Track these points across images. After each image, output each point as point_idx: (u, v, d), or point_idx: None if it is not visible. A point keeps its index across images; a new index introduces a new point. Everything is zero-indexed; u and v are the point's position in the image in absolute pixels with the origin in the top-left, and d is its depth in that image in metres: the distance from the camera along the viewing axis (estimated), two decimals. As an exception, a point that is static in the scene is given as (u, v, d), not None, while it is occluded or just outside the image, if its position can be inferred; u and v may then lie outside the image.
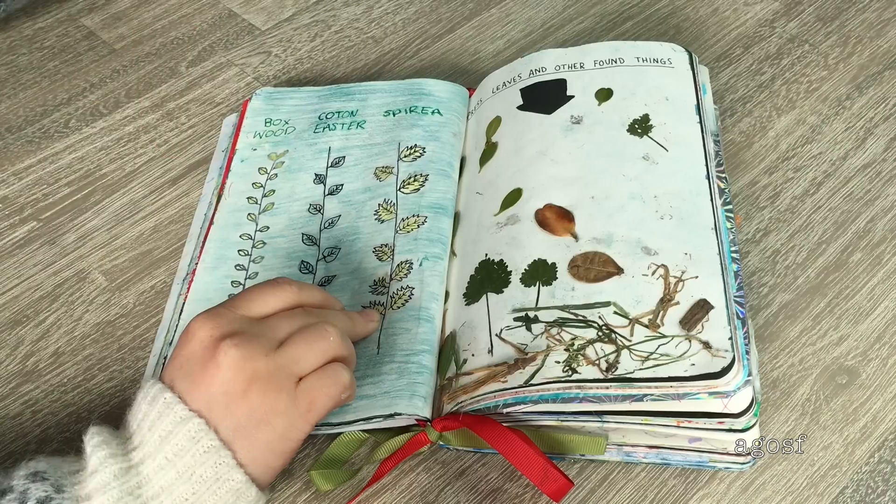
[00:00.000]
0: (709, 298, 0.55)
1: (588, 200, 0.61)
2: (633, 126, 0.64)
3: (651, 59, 0.68)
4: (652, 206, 0.60)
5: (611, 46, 0.69)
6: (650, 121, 0.64)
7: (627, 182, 0.61)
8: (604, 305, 0.56)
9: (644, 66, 0.67)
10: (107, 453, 0.47)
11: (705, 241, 0.57)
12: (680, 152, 0.62)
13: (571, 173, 0.62)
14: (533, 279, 0.58)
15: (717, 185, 0.61)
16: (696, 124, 0.64)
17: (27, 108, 0.78)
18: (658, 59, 0.68)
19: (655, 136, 0.63)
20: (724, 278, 0.56)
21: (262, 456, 0.49)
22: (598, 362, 0.53)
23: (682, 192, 0.60)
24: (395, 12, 0.85)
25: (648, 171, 0.61)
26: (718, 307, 0.54)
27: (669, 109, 0.64)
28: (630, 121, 0.64)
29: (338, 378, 0.51)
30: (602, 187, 0.61)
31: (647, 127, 0.63)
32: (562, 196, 0.61)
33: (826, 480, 0.56)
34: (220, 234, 0.66)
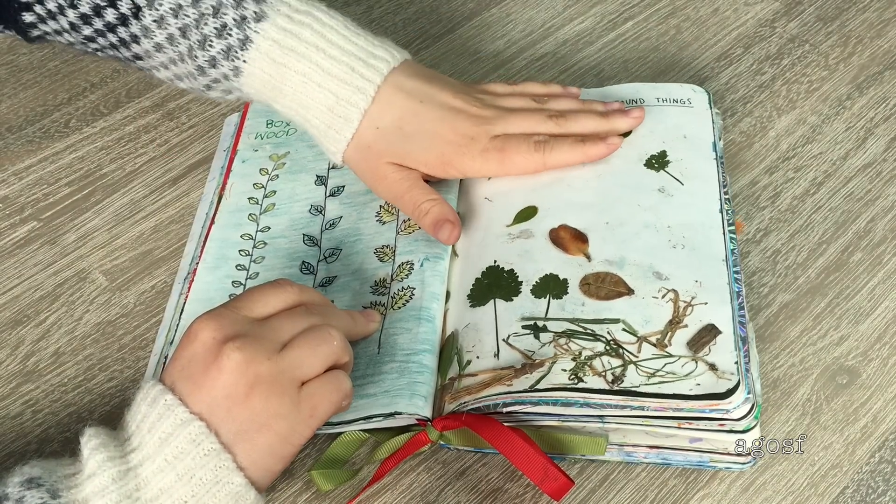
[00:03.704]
0: (717, 324, 0.55)
1: (602, 225, 0.61)
2: (651, 161, 0.64)
3: (671, 99, 0.68)
4: (665, 235, 0.60)
5: (631, 88, 0.70)
6: (667, 156, 0.64)
7: (642, 211, 0.61)
8: (613, 322, 0.56)
9: (664, 106, 0.68)
10: (105, 456, 0.47)
11: (716, 272, 0.58)
12: (695, 186, 0.63)
13: (588, 199, 0.63)
14: (544, 291, 0.59)
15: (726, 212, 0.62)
16: (712, 161, 0.64)
17: (28, 107, 0.78)
18: (678, 99, 0.68)
19: (672, 170, 0.64)
20: (732, 306, 0.56)
21: (262, 459, 0.49)
22: (605, 374, 0.54)
23: (696, 223, 0.60)
24: (395, 12, 0.85)
25: (664, 202, 0.62)
26: (726, 333, 0.55)
27: (687, 146, 0.65)
28: (647, 156, 0.65)
29: (340, 385, 0.51)
30: (617, 214, 0.61)
31: (664, 162, 0.64)
32: (577, 219, 0.62)
33: (826, 480, 0.56)
34: (221, 234, 0.66)
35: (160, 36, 0.58)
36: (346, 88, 0.60)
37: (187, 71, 0.60)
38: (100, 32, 0.58)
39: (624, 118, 0.65)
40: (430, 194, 0.62)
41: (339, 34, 0.60)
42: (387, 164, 0.62)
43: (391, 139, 0.62)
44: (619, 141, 0.63)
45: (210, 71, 0.59)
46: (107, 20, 0.57)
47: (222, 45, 0.58)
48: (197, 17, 0.57)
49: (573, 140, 0.63)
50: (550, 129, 0.63)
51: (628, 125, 0.65)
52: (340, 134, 0.61)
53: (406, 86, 0.62)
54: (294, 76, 0.60)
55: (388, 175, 0.62)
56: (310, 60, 0.59)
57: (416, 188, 0.62)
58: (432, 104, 0.62)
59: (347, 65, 0.60)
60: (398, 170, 0.62)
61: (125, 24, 0.58)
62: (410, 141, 0.62)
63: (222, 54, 0.58)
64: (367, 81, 0.60)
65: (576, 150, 0.63)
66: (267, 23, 0.59)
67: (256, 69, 0.59)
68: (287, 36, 0.59)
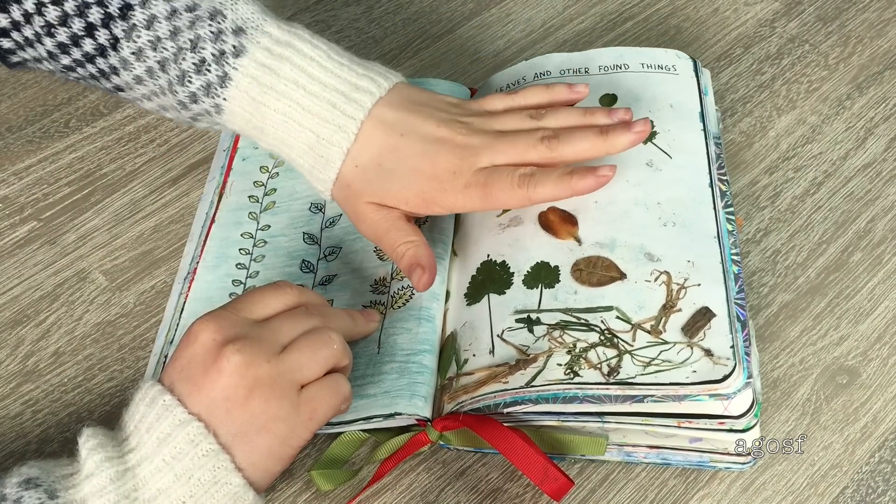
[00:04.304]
0: (711, 306, 0.55)
1: (591, 205, 0.61)
2: None
3: (655, 65, 0.68)
4: (655, 212, 0.60)
5: (615, 52, 0.69)
6: (654, 127, 0.64)
7: (631, 188, 0.61)
8: (606, 310, 0.56)
9: (648, 72, 0.67)
10: (103, 456, 0.47)
11: (708, 250, 0.57)
12: (683, 160, 0.62)
13: None
14: (535, 281, 0.58)
15: (718, 189, 0.61)
16: (699, 132, 0.64)
17: (27, 107, 0.78)
18: (662, 65, 0.68)
19: (659, 142, 0.63)
20: (726, 286, 0.56)
21: (260, 461, 0.49)
22: (600, 366, 0.54)
23: (686, 199, 0.60)
24: (395, 12, 0.85)
25: (652, 177, 0.61)
26: (720, 315, 0.54)
27: (673, 116, 0.64)
28: None
29: (339, 389, 0.51)
30: (606, 192, 0.61)
31: (652, 133, 0.63)
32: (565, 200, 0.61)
33: (826, 480, 0.56)
34: (221, 233, 0.66)
35: (139, 69, 0.57)
36: (327, 127, 0.57)
37: (171, 104, 0.59)
38: (78, 62, 0.57)
39: (625, 135, 0.59)
40: (407, 236, 0.58)
41: (321, 67, 0.57)
42: (366, 203, 0.59)
43: (370, 177, 0.58)
44: (610, 172, 0.58)
45: (192, 106, 0.58)
46: (85, 50, 0.56)
47: (201, 81, 0.56)
48: (175, 50, 0.56)
49: (561, 173, 0.58)
50: (541, 154, 0.58)
51: (629, 143, 0.59)
52: (324, 174, 0.58)
53: (388, 118, 0.58)
54: (274, 115, 0.57)
55: (367, 215, 0.59)
56: (290, 98, 0.57)
57: (394, 230, 0.59)
58: (413, 137, 0.58)
59: (328, 101, 0.57)
60: (377, 210, 0.59)
61: (103, 55, 0.56)
62: (390, 179, 0.58)
63: (202, 90, 0.56)
64: (349, 118, 0.57)
65: (562, 185, 0.58)
66: (246, 58, 0.56)
67: (237, 107, 0.57)
68: (266, 72, 0.56)
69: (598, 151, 0.59)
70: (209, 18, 0.56)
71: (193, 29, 0.55)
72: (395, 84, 0.59)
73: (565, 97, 0.63)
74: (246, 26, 0.56)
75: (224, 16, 0.56)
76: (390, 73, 0.60)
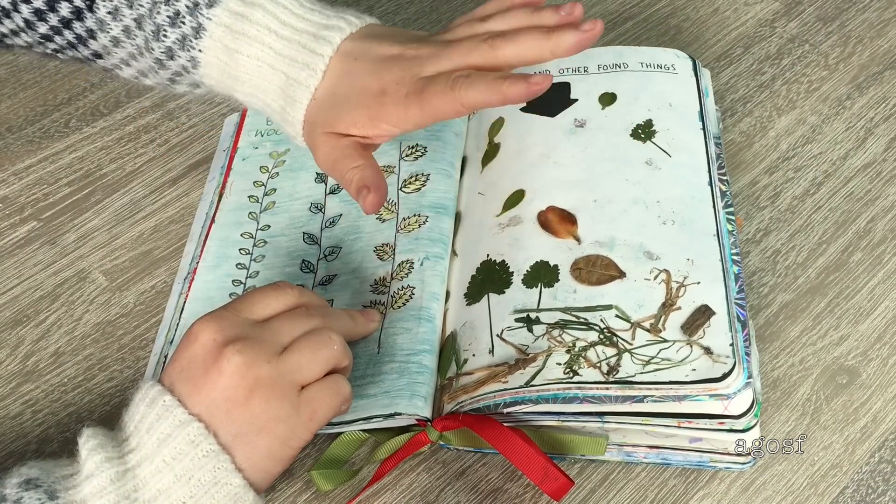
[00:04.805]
0: (710, 304, 0.55)
1: (591, 204, 0.61)
2: (637, 131, 0.64)
3: (655, 64, 0.68)
4: (654, 210, 0.60)
5: (615, 51, 0.69)
6: (653, 126, 0.64)
7: (630, 186, 0.61)
8: (606, 308, 0.56)
9: (648, 71, 0.67)
10: (103, 457, 0.47)
11: (707, 248, 0.57)
12: (683, 158, 0.62)
13: (574, 176, 0.62)
14: (535, 280, 0.58)
15: (718, 189, 0.61)
16: (699, 130, 0.64)
17: (27, 107, 0.78)
18: (661, 64, 0.68)
19: (658, 141, 0.63)
20: (725, 284, 0.56)
21: (261, 462, 0.49)
22: (600, 365, 0.54)
23: (685, 197, 0.60)
24: (395, 12, 0.85)
25: (651, 176, 0.61)
26: (720, 313, 0.54)
27: (672, 115, 0.65)
28: (633, 126, 0.64)
29: (339, 389, 0.51)
30: (605, 191, 0.61)
31: (651, 132, 0.64)
32: (564, 198, 0.61)
33: (826, 480, 0.56)
34: (221, 233, 0.66)
35: (116, 29, 0.57)
36: (295, 67, 0.56)
37: (148, 65, 0.58)
38: (55, 30, 0.57)
39: (571, 34, 0.54)
40: (354, 162, 0.57)
41: (292, 13, 0.57)
42: (321, 134, 0.57)
43: (324, 106, 0.57)
44: (543, 81, 0.53)
45: (169, 63, 0.57)
46: (61, 14, 0.56)
47: (177, 34, 0.56)
48: (150, 5, 0.56)
49: (494, 77, 0.54)
50: (483, 55, 0.55)
51: (575, 42, 0.54)
52: (293, 116, 0.58)
53: (349, 48, 0.57)
54: (247, 61, 0.57)
55: (320, 146, 0.58)
56: (262, 43, 0.56)
57: (344, 157, 0.57)
58: (365, 59, 0.56)
59: (298, 42, 0.56)
60: (328, 140, 0.57)
61: (80, 17, 0.56)
62: (340, 104, 0.56)
63: (178, 44, 0.56)
64: (317, 56, 0.56)
65: (493, 90, 0.53)
66: (219, 7, 0.56)
67: (212, 58, 0.57)
68: (238, 20, 0.56)
69: (542, 51, 0.55)
70: None
71: None
72: (367, 24, 0.59)
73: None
74: None
75: None
76: (365, 15, 0.59)
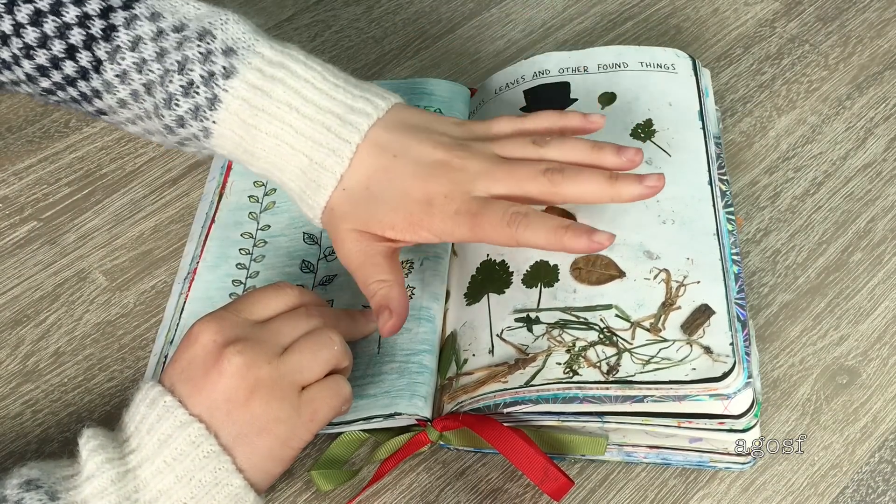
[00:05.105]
0: (710, 304, 0.55)
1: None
2: (637, 131, 0.64)
3: (654, 64, 0.68)
4: (654, 210, 0.60)
5: (615, 50, 0.69)
6: (653, 126, 0.64)
7: None
8: (605, 308, 0.56)
9: (647, 70, 0.67)
10: (104, 458, 0.47)
11: (707, 247, 0.57)
12: (682, 158, 0.62)
13: None
14: (535, 280, 0.58)
15: (718, 188, 0.61)
16: (698, 130, 0.64)
17: (27, 107, 0.78)
18: (661, 64, 0.68)
19: (658, 141, 0.63)
20: (725, 283, 0.56)
21: (261, 462, 0.49)
22: (600, 365, 0.54)
23: (685, 197, 0.60)
24: (395, 12, 0.85)
25: None
26: (720, 312, 0.54)
27: (672, 115, 0.65)
28: (633, 125, 0.64)
29: (340, 390, 0.51)
30: None
31: (650, 132, 0.64)
32: None
33: (826, 480, 0.56)
34: (221, 233, 0.66)
35: (123, 92, 0.54)
36: (320, 151, 0.54)
37: (156, 128, 0.56)
38: (59, 86, 0.55)
39: (635, 186, 0.54)
40: (381, 274, 0.55)
41: (315, 88, 0.54)
42: (348, 230, 0.55)
43: (356, 201, 0.54)
44: (606, 241, 0.53)
45: (179, 130, 0.55)
46: (66, 73, 0.54)
47: (189, 104, 0.53)
48: (162, 72, 0.53)
49: (556, 225, 0.53)
50: (542, 188, 0.54)
51: (637, 196, 0.54)
52: (314, 199, 0.55)
53: (383, 140, 0.54)
54: (266, 138, 0.54)
55: (346, 243, 0.55)
56: (282, 121, 0.54)
57: (370, 264, 0.55)
58: (406, 159, 0.54)
59: (322, 124, 0.54)
60: (357, 239, 0.55)
61: (85, 77, 0.54)
62: (376, 202, 0.54)
63: (190, 114, 0.54)
64: (343, 142, 0.54)
65: (553, 237, 0.53)
66: (236, 79, 0.53)
67: (226, 130, 0.54)
68: (257, 94, 0.53)
69: (603, 197, 0.54)
70: (198, 39, 0.53)
71: (181, 50, 0.53)
72: (392, 105, 0.56)
73: (578, 125, 0.58)
74: (237, 47, 0.54)
75: (213, 36, 0.54)
76: (388, 93, 0.57)
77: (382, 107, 0.55)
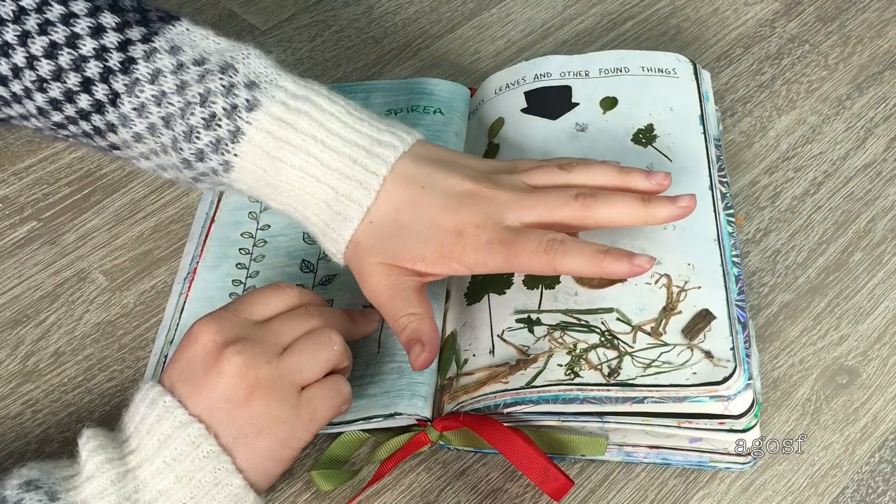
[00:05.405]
0: (711, 309, 0.55)
1: None
2: (638, 136, 0.64)
3: (655, 68, 0.68)
4: None
5: (616, 55, 0.69)
6: (654, 131, 0.64)
7: None
8: (607, 311, 0.56)
9: (648, 75, 0.68)
10: (103, 458, 0.47)
11: (707, 252, 0.57)
12: (683, 163, 0.62)
13: None
14: (536, 282, 0.58)
15: (718, 191, 0.61)
16: (699, 135, 0.64)
17: (27, 107, 0.78)
18: (662, 68, 0.68)
19: (659, 146, 0.63)
20: (726, 288, 0.56)
21: (261, 462, 0.49)
22: (601, 367, 0.54)
23: None
24: (395, 12, 0.85)
25: None
26: (720, 318, 0.54)
27: (674, 119, 0.65)
28: (634, 130, 0.64)
29: (339, 390, 0.52)
30: None
31: (652, 137, 0.64)
32: None
33: (826, 480, 0.56)
34: (221, 233, 0.66)
35: (140, 126, 0.53)
36: (347, 183, 0.53)
37: (172, 163, 0.55)
38: (71, 120, 0.53)
39: (668, 207, 0.54)
40: (411, 308, 0.54)
41: (341, 122, 0.53)
42: (375, 263, 0.54)
43: (384, 233, 0.54)
44: (647, 265, 0.52)
45: (197, 165, 0.54)
46: (80, 107, 0.53)
47: (210, 137, 0.52)
48: (182, 105, 0.52)
49: (595, 250, 0.52)
50: (574, 212, 0.54)
51: (670, 217, 0.54)
52: (338, 233, 0.54)
53: (409, 172, 0.54)
54: (290, 171, 0.53)
55: (373, 277, 0.54)
56: (307, 153, 0.53)
57: (399, 298, 0.54)
58: (435, 190, 0.54)
59: (349, 156, 0.53)
60: (386, 272, 0.54)
61: (101, 111, 0.53)
62: (405, 234, 0.53)
63: (211, 147, 0.53)
64: (371, 174, 0.53)
65: (593, 263, 0.52)
66: (260, 112, 0.52)
67: (249, 163, 0.53)
68: (282, 127, 0.52)
69: (637, 219, 0.54)
70: (220, 72, 0.53)
71: (203, 83, 0.52)
72: (417, 140, 0.56)
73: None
74: (259, 80, 0.53)
75: (236, 69, 0.53)
76: (411, 129, 0.56)
77: (408, 140, 0.55)
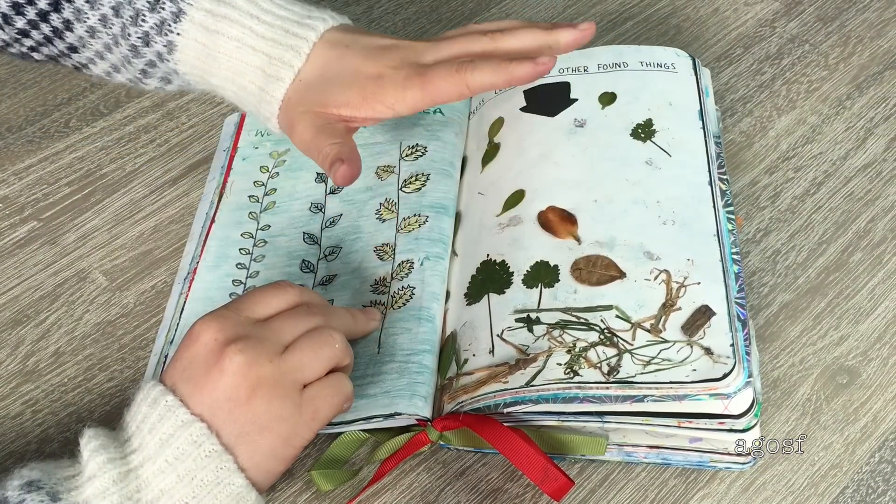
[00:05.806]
0: (710, 305, 0.55)
1: (591, 204, 0.61)
2: (637, 131, 0.64)
3: (654, 63, 0.68)
4: (654, 211, 0.60)
5: (614, 50, 0.69)
6: (653, 125, 0.64)
7: (630, 186, 0.61)
8: (606, 309, 0.56)
9: (647, 70, 0.67)
10: (105, 458, 0.47)
11: (707, 248, 0.57)
12: (683, 158, 0.62)
13: (574, 176, 0.62)
14: (535, 280, 0.58)
15: (718, 188, 0.61)
16: (698, 130, 0.64)
17: (27, 107, 0.78)
18: (661, 63, 0.68)
19: (658, 141, 0.63)
20: (725, 284, 0.56)
21: (263, 461, 0.49)
22: (600, 365, 0.54)
23: (685, 197, 0.60)
24: (395, 12, 0.85)
25: (651, 176, 0.61)
26: (720, 314, 0.54)
27: (672, 114, 0.65)
28: (633, 125, 0.64)
29: (341, 388, 0.52)
30: (605, 191, 0.61)
31: (651, 132, 0.64)
32: (565, 199, 0.61)
33: (826, 480, 0.56)
34: (221, 233, 0.66)
35: (93, 18, 0.58)
36: (279, 48, 0.59)
37: (122, 56, 0.60)
38: (33, 24, 0.58)
39: (569, 31, 0.60)
40: (335, 138, 0.58)
41: (273, 2, 0.59)
42: (303, 112, 0.59)
43: (311, 87, 0.59)
44: (550, 61, 0.58)
45: (144, 50, 0.59)
46: (39, 7, 0.58)
47: (155, 19, 0.58)
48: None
49: (499, 60, 0.58)
50: (484, 45, 0.60)
51: (572, 39, 0.60)
52: (272, 94, 0.59)
53: (336, 38, 0.60)
54: (227, 42, 0.59)
55: (300, 122, 0.59)
56: (242, 25, 0.58)
57: (323, 134, 0.58)
58: (358, 46, 0.60)
59: (281, 28, 0.59)
60: (313, 118, 0.59)
61: (57, 9, 0.58)
62: (330, 84, 0.59)
63: (155, 29, 0.58)
64: (301, 39, 0.59)
65: (499, 71, 0.57)
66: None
67: (190, 41, 0.59)
68: (220, 4, 0.58)
69: (540, 42, 0.60)
70: None
71: None
72: (345, 23, 0.61)
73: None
74: None
75: None
76: (342, 16, 0.62)
77: (338, 19, 0.61)
